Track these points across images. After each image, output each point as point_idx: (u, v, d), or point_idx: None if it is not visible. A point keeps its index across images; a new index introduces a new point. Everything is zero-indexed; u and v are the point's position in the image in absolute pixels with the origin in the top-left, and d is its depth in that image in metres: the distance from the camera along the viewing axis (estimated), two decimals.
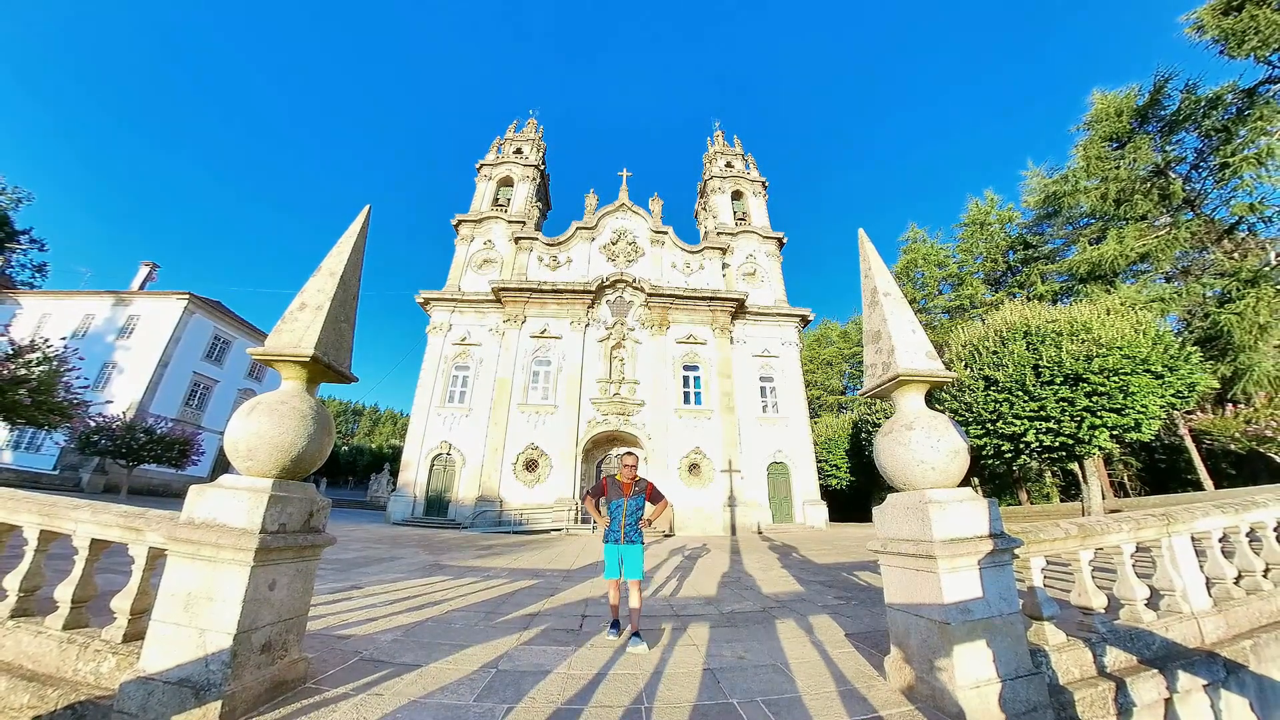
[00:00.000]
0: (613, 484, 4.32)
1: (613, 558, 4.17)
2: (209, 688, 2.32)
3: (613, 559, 4.16)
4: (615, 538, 4.18)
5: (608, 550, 4.21)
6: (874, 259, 3.58)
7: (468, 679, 3.07)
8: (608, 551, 4.20)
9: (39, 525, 3.11)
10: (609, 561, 4.18)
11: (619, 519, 4.20)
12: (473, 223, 25.59)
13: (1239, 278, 16.36)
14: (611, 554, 4.18)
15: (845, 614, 4.93)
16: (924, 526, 2.85)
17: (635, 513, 4.25)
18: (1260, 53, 15.87)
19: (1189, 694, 3.17)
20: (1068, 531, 3.28)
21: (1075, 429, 12.42)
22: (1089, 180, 20.68)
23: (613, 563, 4.16)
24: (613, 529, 4.20)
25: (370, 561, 8.26)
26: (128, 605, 2.77)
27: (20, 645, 2.81)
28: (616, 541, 4.17)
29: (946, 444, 2.94)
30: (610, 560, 4.18)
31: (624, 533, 4.18)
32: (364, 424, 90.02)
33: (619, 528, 4.19)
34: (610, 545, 4.20)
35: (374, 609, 4.82)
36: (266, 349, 2.91)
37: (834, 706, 2.75)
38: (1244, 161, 16.25)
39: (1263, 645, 3.53)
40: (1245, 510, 4.16)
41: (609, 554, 4.19)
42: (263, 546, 2.51)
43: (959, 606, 2.67)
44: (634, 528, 4.23)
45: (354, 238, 3.35)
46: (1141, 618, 3.38)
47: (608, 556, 4.20)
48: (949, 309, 33.77)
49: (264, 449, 2.70)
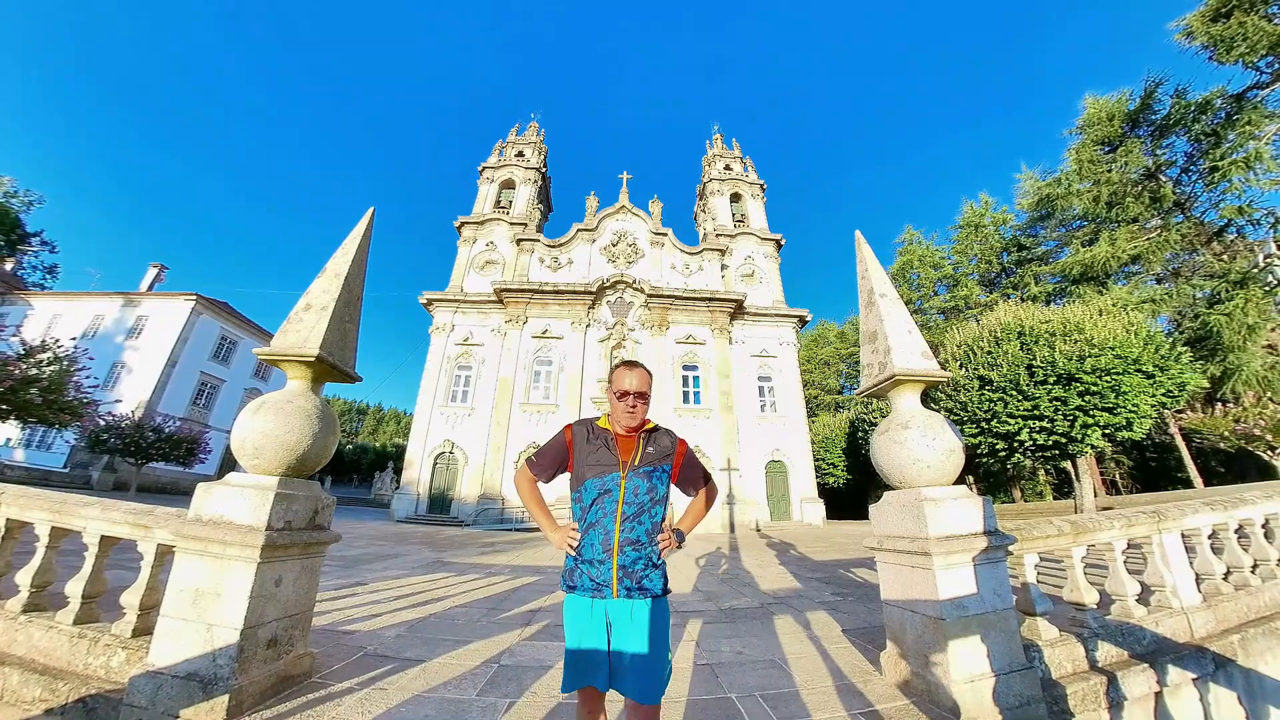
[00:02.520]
0: (590, 438, 1.89)
1: (588, 636, 1.70)
2: (217, 682, 2.35)
3: (587, 639, 1.70)
4: (594, 580, 1.73)
5: (573, 615, 1.75)
6: (870, 261, 3.61)
7: (470, 674, 3.11)
8: (573, 619, 1.75)
9: (50, 522, 3.14)
10: (576, 647, 1.72)
11: (604, 527, 1.76)
12: (475, 225, 25.71)
13: (1228, 279, 16.57)
14: (585, 625, 1.71)
15: (842, 610, 4.98)
16: (920, 524, 2.90)
17: (645, 509, 1.79)
18: (1248, 59, 16.08)
19: (1179, 688, 3.22)
20: (1060, 529, 3.34)
21: (1068, 428, 12.56)
22: (1081, 183, 20.88)
23: (586, 651, 1.69)
24: (587, 557, 1.75)
25: (374, 558, 8.27)
26: (137, 601, 2.80)
27: (32, 640, 2.84)
28: (596, 591, 1.72)
29: (942, 442, 2.98)
30: (582, 640, 1.71)
31: (617, 567, 1.72)
32: (368, 423, 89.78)
33: (604, 552, 1.73)
34: (579, 600, 1.75)
35: (378, 605, 4.84)
36: (272, 349, 2.94)
37: (831, 701, 2.79)
38: (1233, 165, 16.47)
39: (1251, 640, 3.59)
40: (1234, 507, 4.22)
41: (577, 626, 1.73)
42: (269, 543, 2.54)
43: (954, 602, 2.72)
44: (642, 554, 1.76)
45: (358, 239, 3.38)
46: (1133, 613, 3.44)
47: (572, 633, 1.73)
48: (944, 310, 33.99)
49: (270, 447, 2.73)
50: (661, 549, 1.81)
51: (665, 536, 1.84)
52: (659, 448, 1.91)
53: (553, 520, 1.96)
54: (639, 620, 1.70)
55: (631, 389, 1.86)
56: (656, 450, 1.89)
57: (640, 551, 1.76)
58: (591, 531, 1.78)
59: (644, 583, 1.74)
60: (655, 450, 1.89)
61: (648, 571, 1.76)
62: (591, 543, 1.77)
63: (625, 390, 1.87)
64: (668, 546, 1.84)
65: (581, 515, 1.83)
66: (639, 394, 1.87)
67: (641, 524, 1.78)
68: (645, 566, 1.75)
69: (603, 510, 1.77)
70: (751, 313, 24.40)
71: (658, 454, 1.89)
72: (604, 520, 1.77)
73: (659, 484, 1.84)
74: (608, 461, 1.83)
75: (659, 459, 1.88)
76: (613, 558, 1.73)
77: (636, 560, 1.75)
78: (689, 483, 2.02)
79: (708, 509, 2.08)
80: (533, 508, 2.00)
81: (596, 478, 1.81)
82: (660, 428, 1.99)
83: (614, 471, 1.81)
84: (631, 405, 1.86)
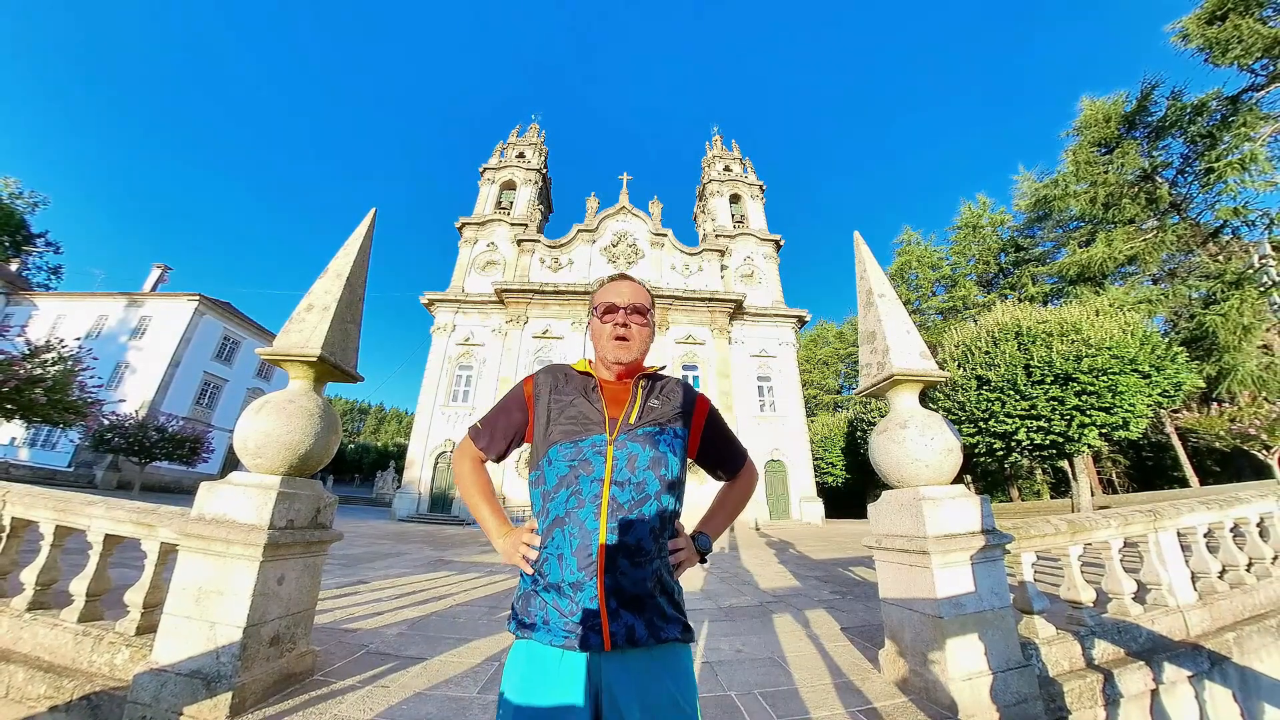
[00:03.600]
0: (560, 386, 1.24)
1: (554, 716, 0.95)
2: (220, 679, 2.36)
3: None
4: (565, 618, 1.01)
5: (526, 677, 1.00)
6: (869, 261, 3.63)
7: (471, 671, 3.12)
8: (526, 683, 0.99)
9: (55, 521, 3.15)
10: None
11: (580, 524, 1.04)
12: (476, 225, 25.82)
13: (1223, 280, 16.67)
14: (548, 693, 0.97)
15: (841, 608, 5.00)
16: (918, 522, 2.91)
17: (649, 495, 1.09)
18: (1243, 61, 16.20)
19: (1174, 685, 3.24)
20: (1057, 527, 3.35)
21: (1065, 427, 12.64)
22: (1078, 184, 21.02)
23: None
24: (552, 580, 1.04)
25: (376, 557, 8.28)
26: (140, 599, 2.81)
27: (37, 637, 2.85)
28: (572, 637, 0.98)
29: (940, 442, 3.00)
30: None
31: (604, 593, 1.00)
32: (370, 422, 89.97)
33: (581, 567, 1.01)
34: (539, 650, 1.02)
35: (380, 603, 4.85)
36: (275, 349, 2.95)
37: (830, 699, 2.81)
38: (1228, 167, 16.58)
39: (1245, 637, 3.61)
40: (1229, 506, 4.26)
41: (531, 694, 0.98)
42: (271, 542, 2.55)
43: (952, 601, 2.73)
44: (648, 570, 1.05)
45: (360, 240, 3.39)
46: (1129, 611, 3.46)
47: (522, 710, 0.97)
48: (942, 310, 34.11)
49: (272, 447, 2.74)
50: (675, 561, 1.13)
51: (683, 543, 1.16)
52: (667, 401, 1.22)
53: (503, 519, 1.25)
54: (655, 689, 0.98)
55: (624, 302, 1.24)
56: (663, 404, 1.21)
57: (644, 566, 1.04)
58: (559, 533, 1.06)
59: (656, 620, 1.03)
60: (661, 404, 1.21)
61: (658, 599, 1.05)
62: (559, 552, 1.04)
63: (613, 304, 1.24)
64: (685, 560, 1.15)
65: (543, 506, 1.12)
66: (635, 308, 1.24)
67: (643, 520, 1.06)
68: (654, 590, 1.05)
69: (578, 497, 1.07)
70: (751, 313, 24.47)
71: (666, 410, 1.20)
72: (579, 513, 1.05)
73: (669, 455, 1.14)
74: (588, 418, 1.15)
75: (668, 417, 1.19)
76: (597, 577, 1.01)
77: (640, 580, 1.03)
78: (717, 458, 1.33)
79: (746, 501, 1.38)
80: (472, 499, 1.27)
81: (568, 443, 1.12)
82: (668, 376, 1.32)
83: (596, 433, 1.13)
84: (622, 324, 1.22)
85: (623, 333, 1.23)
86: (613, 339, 1.23)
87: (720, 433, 1.32)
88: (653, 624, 1.03)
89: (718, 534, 1.29)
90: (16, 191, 34.30)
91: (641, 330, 1.25)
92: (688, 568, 1.17)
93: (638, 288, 1.29)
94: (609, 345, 1.23)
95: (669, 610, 1.07)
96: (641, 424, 1.16)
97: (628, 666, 1.00)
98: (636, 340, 1.23)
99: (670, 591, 1.10)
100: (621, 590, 1.02)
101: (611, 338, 1.23)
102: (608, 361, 1.24)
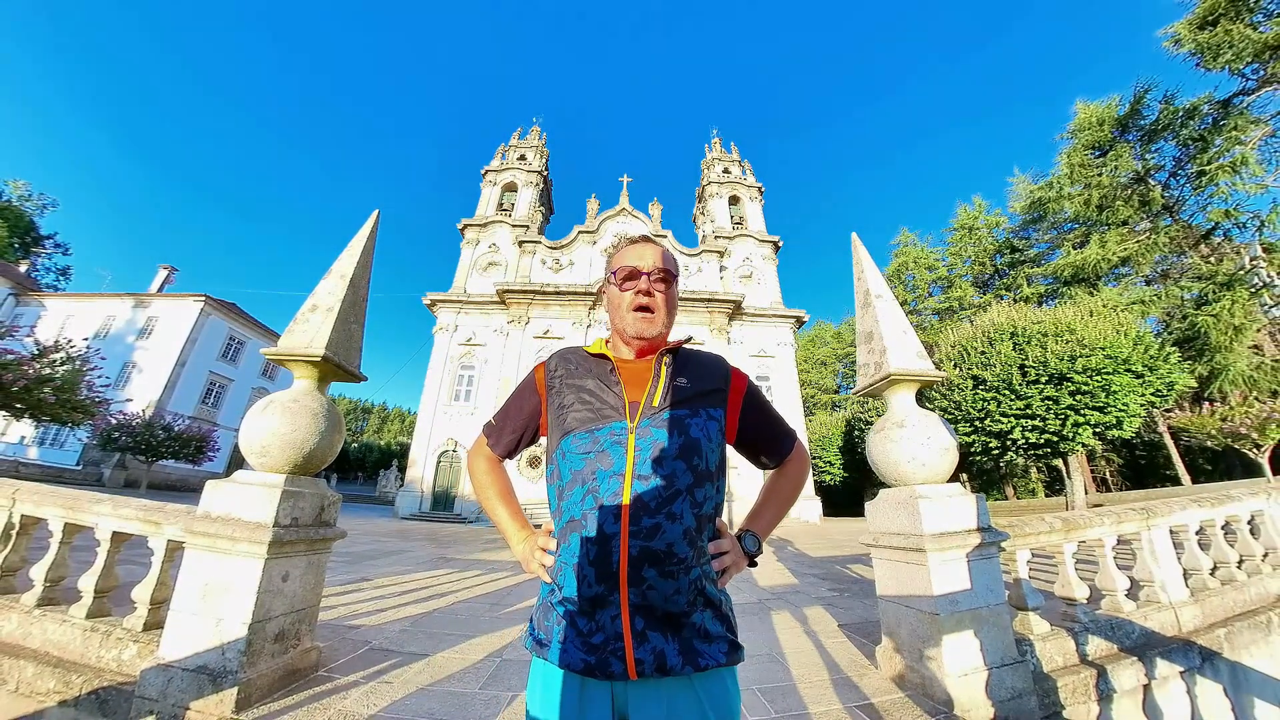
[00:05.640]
0: (575, 369, 1.10)
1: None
2: (225, 675, 2.39)
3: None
4: (585, 638, 0.87)
5: (545, 707, 0.88)
6: (866, 262, 3.66)
7: (473, 668, 3.15)
8: (545, 711, 0.88)
9: (63, 518, 3.17)
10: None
11: (598, 526, 0.90)
12: (478, 227, 25.94)
13: (1215, 281, 16.87)
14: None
15: (838, 605, 5.04)
16: (914, 521, 2.95)
17: (681, 489, 0.92)
18: (1234, 65, 16.39)
19: (1166, 680, 3.28)
20: (1052, 525, 3.40)
21: (1059, 426, 12.74)
22: (1073, 187, 21.19)
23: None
24: (568, 592, 0.90)
25: (379, 555, 8.29)
26: (147, 595, 2.83)
27: (46, 633, 2.87)
28: (591, 664, 0.84)
29: (936, 441, 3.03)
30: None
31: (629, 610, 0.86)
32: (373, 421, 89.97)
33: (600, 579, 0.87)
34: (557, 675, 0.88)
35: (383, 600, 4.87)
36: (279, 349, 2.97)
37: (827, 694, 2.84)
38: (1220, 169, 16.76)
39: (1236, 633, 3.66)
40: (1221, 504, 4.32)
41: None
42: (276, 539, 2.57)
43: (948, 598, 2.77)
44: (683, 581, 0.88)
45: (363, 241, 3.41)
46: (1122, 608, 3.50)
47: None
48: (939, 311, 34.26)
49: (277, 446, 2.76)
50: (719, 568, 0.97)
51: (727, 545, 0.99)
52: (698, 378, 1.06)
53: (521, 521, 1.13)
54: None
55: (648, 266, 1.07)
56: (693, 382, 1.05)
57: (677, 577, 0.88)
58: (575, 538, 0.92)
59: (695, 642, 0.88)
60: (691, 382, 1.05)
61: (697, 616, 0.90)
62: (574, 560, 0.91)
63: (636, 269, 1.07)
64: (732, 565, 0.99)
65: (558, 505, 0.99)
66: (662, 274, 1.07)
67: (675, 518, 0.90)
68: (691, 605, 0.89)
69: (595, 495, 0.92)
70: (749, 313, 24.55)
71: (696, 388, 1.04)
72: (596, 514, 0.91)
73: (702, 441, 0.98)
74: (605, 403, 1.01)
75: (700, 398, 1.03)
76: (619, 591, 0.87)
77: (672, 594, 0.88)
78: (759, 443, 1.15)
79: (799, 490, 1.19)
80: (489, 500, 1.16)
81: (583, 432, 0.99)
82: (696, 349, 1.15)
83: (615, 420, 0.99)
84: (646, 291, 1.05)
85: (646, 302, 1.05)
86: (634, 309, 1.06)
87: (763, 412, 1.14)
88: (690, 648, 0.87)
89: (768, 531, 1.10)
90: (26, 194, 34.56)
91: (668, 300, 1.08)
92: (734, 574, 1.00)
93: (664, 250, 1.12)
94: (629, 317, 1.06)
95: (713, 628, 0.91)
96: (668, 406, 1.00)
97: (659, 698, 0.85)
98: (662, 311, 1.06)
99: (716, 603, 0.94)
100: (650, 607, 0.86)
101: (632, 308, 1.06)
102: (627, 336, 1.08)
